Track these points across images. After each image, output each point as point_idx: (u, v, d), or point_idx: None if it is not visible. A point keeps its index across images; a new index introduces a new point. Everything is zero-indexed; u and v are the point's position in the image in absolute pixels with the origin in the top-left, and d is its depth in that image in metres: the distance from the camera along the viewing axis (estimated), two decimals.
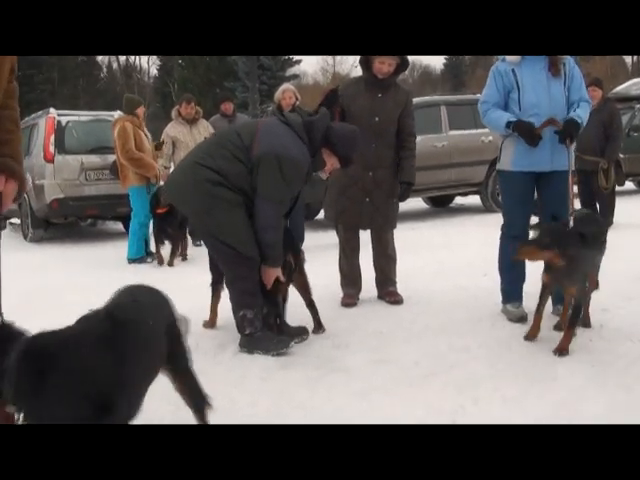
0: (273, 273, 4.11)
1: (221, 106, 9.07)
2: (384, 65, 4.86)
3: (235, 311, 4.11)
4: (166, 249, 7.72)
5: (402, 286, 5.28)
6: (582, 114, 4.35)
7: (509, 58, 4.40)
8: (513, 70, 4.40)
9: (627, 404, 3.09)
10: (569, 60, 4.47)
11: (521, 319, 4.46)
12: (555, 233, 3.91)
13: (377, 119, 4.94)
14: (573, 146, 4.49)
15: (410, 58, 5.05)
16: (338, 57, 51.96)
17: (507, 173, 4.55)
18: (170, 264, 7.51)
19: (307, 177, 4.22)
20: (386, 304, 5.14)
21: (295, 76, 35.18)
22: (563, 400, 3.18)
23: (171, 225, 7.45)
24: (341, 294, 5.23)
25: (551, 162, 4.40)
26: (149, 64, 52.74)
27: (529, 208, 4.58)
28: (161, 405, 3.29)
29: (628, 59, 48.55)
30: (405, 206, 9.89)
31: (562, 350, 3.79)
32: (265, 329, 4.11)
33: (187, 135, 8.19)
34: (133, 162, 7.70)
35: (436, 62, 60.25)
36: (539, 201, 4.61)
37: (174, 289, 5.81)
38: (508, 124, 4.35)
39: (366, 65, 4.97)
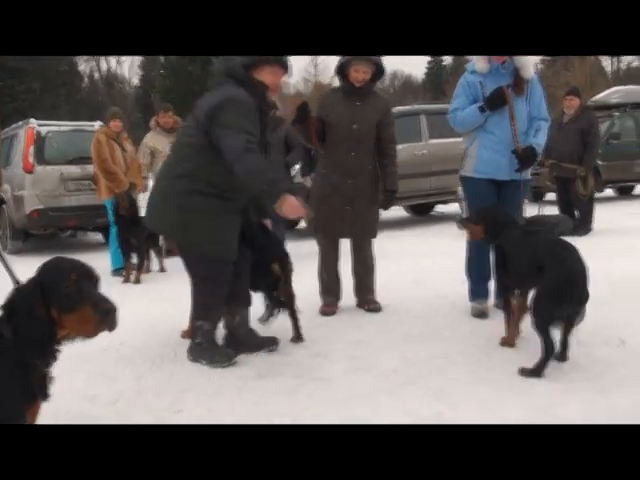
0: (286, 205, 3.68)
1: None
2: (359, 73, 4.89)
3: (194, 319, 4.17)
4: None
5: (381, 294, 5.30)
6: (541, 140, 4.74)
7: (478, 67, 4.65)
8: (480, 82, 4.69)
9: (604, 409, 3.11)
10: (533, 77, 4.76)
11: (481, 314, 4.80)
12: (485, 212, 4.30)
13: (355, 126, 4.95)
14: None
15: (392, 67, 5.11)
16: (320, 66, 52.11)
17: (469, 179, 4.86)
18: (137, 281, 7.15)
19: (263, 116, 4.04)
20: (365, 312, 5.15)
21: None
22: (540, 405, 3.19)
23: (134, 234, 7.14)
24: (320, 303, 5.24)
25: (509, 172, 4.71)
26: (130, 74, 52.72)
27: None
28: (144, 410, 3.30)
29: (608, 68, 49.05)
30: (385, 214, 9.91)
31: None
32: (214, 341, 4.14)
33: (166, 145, 8.05)
34: (106, 174, 7.67)
35: (417, 71, 60.78)
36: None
37: (154, 300, 5.90)
38: (481, 109, 4.65)
39: (342, 74, 5.00)
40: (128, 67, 50.87)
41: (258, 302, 4.49)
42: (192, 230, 3.96)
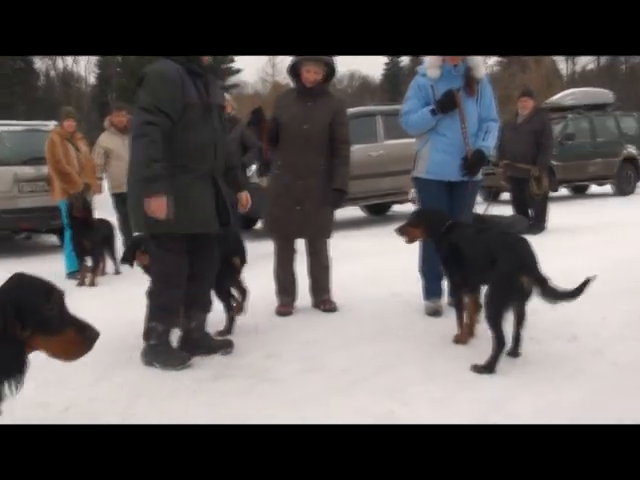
0: (152, 204, 3.71)
1: None
2: (310, 73, 4.90)
3: (148, 320, 4.11)
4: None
5: (337, 294, 5.32)
6: (490, 143, 4.83)
7: (429, 73, 4.72)
8: (432, 85, 4.74)
9: (555, 404, 3.18)
10: (483, 79, 4.83)
11: (435, 313, 4.87)
12: (421, 213, 4.48)
13: (306, 127, 4.95)
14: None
15: (349, 68, 5.14)
16: (278, 67, 52.01)
17: (422, 180, 4.92)
18: (92, 284, 7.01)
19: (203, 78, 3.95)
20: (321, 312, 5.17)
21: (235, 85, 35.10)
22: (492, 400, 3.25)
23: (88, 236, 7.08)
24: (276, 303, 5.22)
25: (461, 173, 4.78)
26: (87, 72, 52.04)
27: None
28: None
29: (563, 70, 50.01)
30: (342, 215, 9.89)
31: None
32: (168, 344, 4.09)
33: (120, 145, 7.93)
34: (60, 175, 7.57)
35: (375, 72, 61.22)
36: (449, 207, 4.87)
37: (109, 303, 5.83)
38: (433, 112, 4.70)
39: (294, 75, 5.02)
40: (85, 65, 50.02)
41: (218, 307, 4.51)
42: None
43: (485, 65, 4.82)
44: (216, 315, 4.52)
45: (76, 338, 2.10)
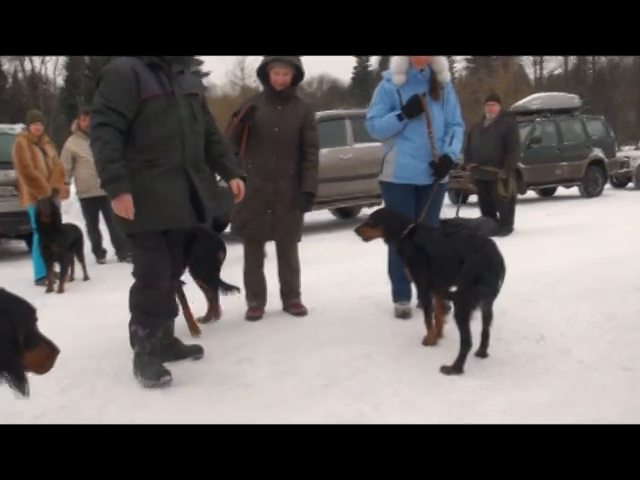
0: (117, 204, 3.62)
1: None
2: (279, 76, 4.92)
3: (130, 323, 3.95)
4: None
5: (307, 297, 5.32)
6: (456, 148, 4.88)
7: (395, 79, 4.78)
8: (398, 90, 4.78)
9: (521, 403, 3.22)
10: (447, 84, 4.90)
11: (404, 315, 4.91)
12: (381, 214, 4.51)
13: (276, 130, 4.95)
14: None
15: (318, 71, 5.12)
16: (247, 70, 51.91)
17: (389, 184, 4.97)
18: (60, 290, 6.90)
19: (165, 70, 3.79)
20: (291, 316, 5.16)
21: (204, 88, 34.94)
22: (461, 401, 3.28)
23: (56, 242, 6.95)
24: (246, 308, 5.20)
25: (428, 176, 4.85)
26: (55, 74, 51.41)
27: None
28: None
29: (531, 75, 50.68)
30: (312, 218, 9.85)
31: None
32: (152, 353, 3.88)
33: (88, 150, 7.80)
34: (28, 180, 7.46)
35: (344, 76, 61.55)
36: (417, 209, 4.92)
37: (77, 310, 5.78)
38: (399, 117, 4.74)
39: (263, 78, 5.03)
40: (53, 67, 49.36)
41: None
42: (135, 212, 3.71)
43: (451, 69, 4.87)
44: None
45: (48, 353, 2.20)
